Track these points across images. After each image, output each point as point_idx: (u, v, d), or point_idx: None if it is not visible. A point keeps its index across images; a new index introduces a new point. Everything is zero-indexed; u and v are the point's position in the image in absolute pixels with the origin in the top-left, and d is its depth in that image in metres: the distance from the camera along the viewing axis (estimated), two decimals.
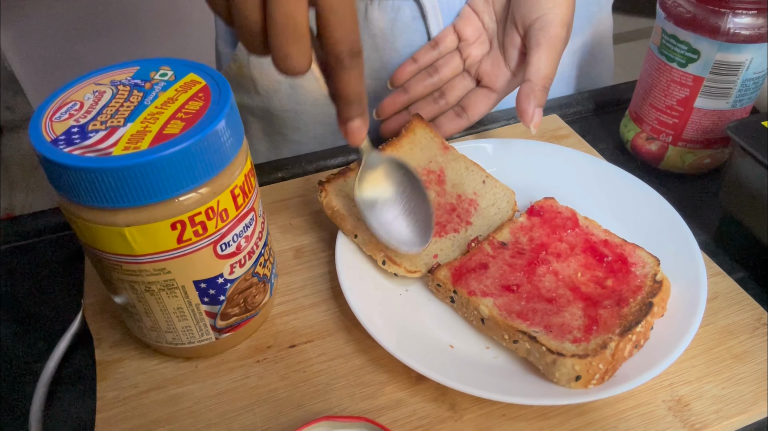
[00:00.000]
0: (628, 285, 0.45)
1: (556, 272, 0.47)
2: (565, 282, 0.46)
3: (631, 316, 0.42)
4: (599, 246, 0.48)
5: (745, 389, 0.42)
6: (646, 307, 0.42)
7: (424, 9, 0.65)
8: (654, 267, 0.46)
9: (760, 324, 0.46)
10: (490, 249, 0.49)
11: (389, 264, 0.48)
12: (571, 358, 0.39)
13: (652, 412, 0.41)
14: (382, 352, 0.43)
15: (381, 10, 0.65)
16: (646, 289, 0.44)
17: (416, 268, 0.48)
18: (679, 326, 0.43)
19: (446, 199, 0.54)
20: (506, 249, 0.49)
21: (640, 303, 0.43)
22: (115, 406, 0.43)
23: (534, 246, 0.49)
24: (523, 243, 0.49)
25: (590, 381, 0.39)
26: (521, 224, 0.51)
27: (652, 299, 0.43)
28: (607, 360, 0.39)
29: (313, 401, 0.43)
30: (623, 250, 0.48)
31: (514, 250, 0.49)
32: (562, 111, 0.71)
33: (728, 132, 0.50)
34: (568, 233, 0.50)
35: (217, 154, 0.36)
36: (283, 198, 0.59)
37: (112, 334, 0.47)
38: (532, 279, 0.46)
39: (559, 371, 0.40)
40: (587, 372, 0.39)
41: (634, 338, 0.41)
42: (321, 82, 0.40)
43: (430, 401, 0.42)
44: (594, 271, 0.47)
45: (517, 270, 0.47)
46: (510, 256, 0.48)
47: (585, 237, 0.49)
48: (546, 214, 0.51)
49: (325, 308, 0.49)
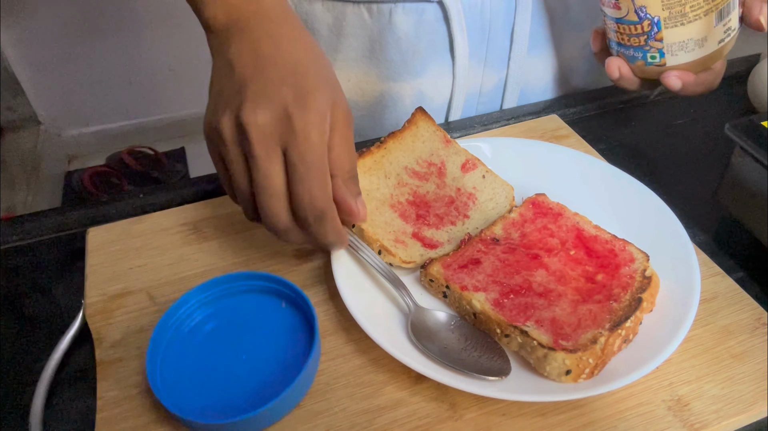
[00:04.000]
0: (618, 280, 0.45)
1: (547, 267, 0.47)
2: (556, 277, 0.46)
3: (621, 311, 0.42)
4: (589, 242, 0.49)
5: (744, 389, 0.42)
6: (636, 303, 0.43)
7: (448, 12, 0.65)
8: (643, 263, 0.46)
9: (760, 324, 0.46)
10: (482, 245, 0.49)
11: (384, 254, 0.49)
12: (561, 352, 0.39)
13: (652, 412, 0.41)
14: (381, 352, 0.43)
15: (405, 13, 0.65)
16: (635, 285, 0.45)
17: (411, 259, 0.49)
18: (672, 323, 0.43)
19: (445, 191, 0.54)
20: (498, 245, 0.49)
21: (630, 299, 0.43)
22: (115, 406, 0.43)
23: (525, 242, 0.49)
24: (515, 239, 0.50)
25: (580, 375, 0.40)
26: (513, 220, 0.51)
27: (641, 294, 0.43)
28: (597, 354, 0.40)
29: (313, 401, 0.43)
30: (613, 246, 0.48)
31: (506, 246, 0.49)
32: (562, 111, 0.71)
33: (728, 132, 0.50)
34: (559, 229, 0.50)
35: None
36: None
37: (112, 334, 0.47)
38: (523, 274, 0.47)
39: (549, 365, 0.40)
40: (577, 367, 0.40)
41: (623, 333, 0.42)
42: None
43: (430, 401, 0.42)
44: (584, 266, 0.47)
45: (509, 266, 0.47)
46: (502, 251, 0.49)
47: (576, 233, 0.50)
48: (537, 210, 0.52)
49: (325, 308, 0.49)
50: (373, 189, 0.53)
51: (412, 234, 0.51)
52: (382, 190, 0.54)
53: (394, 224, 0.52)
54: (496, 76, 0.72)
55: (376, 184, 0.54)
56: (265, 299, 0.47)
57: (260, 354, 0.43)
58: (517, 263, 0.48)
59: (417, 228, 0.52)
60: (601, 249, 0.48)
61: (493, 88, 0.73)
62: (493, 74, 0.72)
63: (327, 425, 0.41)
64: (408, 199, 0.54)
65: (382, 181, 0.54)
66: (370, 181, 0.54)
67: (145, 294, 0.50)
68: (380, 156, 0.56)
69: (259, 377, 0.42)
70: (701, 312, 0.47)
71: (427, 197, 0.54)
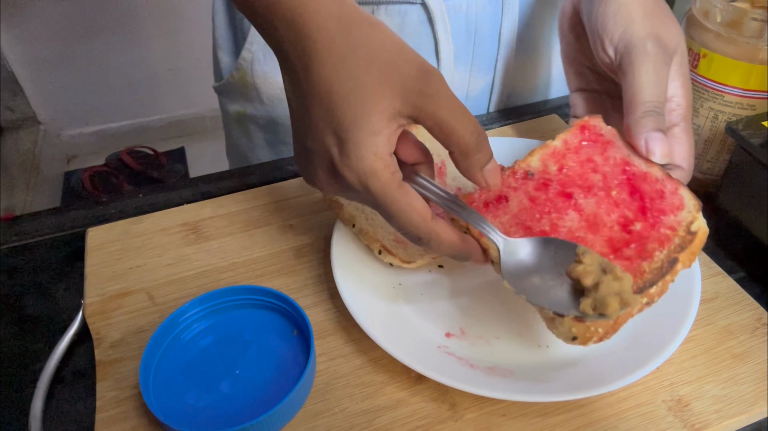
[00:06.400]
0: (657, 232, 0.40)
1: (581, 210, 0.42)
2: (588, 223, 0.41)
3: (649, 275, 0.38)
4: (637, 180, 0.42)
5: (745, 389, 0.42)
6: (668, 265, 0.38)
7: (431, 14, 0.64)
8: (692, 213, 0.40)
9: (760, 324, 0.46)
10: (513, 179, 0.44)
11: (385, 254, 0.48)
12: (568, 319, 0.36)
13: (653, 412, 0.41)
14: (381, 352, 0.43)
15: (388, 15, 0.65)
16: (675, 241, 0.39)
17: (411, 259, 0.49)
18: (673, 323, 0.43)
19: None
20: (531, 180, 0.44)
21: (664, 259, 0.38)
22: (115, 406, 0.43)
23: (563, 177, 0.44)
24: (552, 173, 0.44)
25: (587, 341, 0.37)
26: (554, 149, 0.45)
27: (679, 254, 0.38)
28: (608, 323, 0.36)
29: (313, 401, 0.42)
30: (663, 187, 0.42)
31: (539, 181, 0.44)
32: (562, 111, 0.71)
33: (728, 132, 0.50)
34: (605, 161, 0.44)
35: None
36: (283, 198, 0.59)
37: (112, 334, 0.47)
38: (552, 218, 0.42)
39: (557, 329, 0.38)
40: (584, 335, 0.37)
41: (645, 300, 0.38)
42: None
43: (430, 401, 0.42)
44: (623, 211, 0.41)
45: (538, 206, 0.42)
46: (534, 188, 0.43)
47: (623, 168, 0.43)
48: (586, 136, 0.45)
49: (325, 308, 0.49)
50: None
51: None
52: None
53: None
54: (482, 79, 0.71)
55: None
56: (265, 315, 0.47)
57: (254, 371, 0.43)
58: (547, 203, 0.42)
59: None
60: (649, 191, 0.41)
61: (480, 91, 0.72)
62: (479, 77, 0.71)
63: (327, 425, 0.41)
64: None
65: None
66: None
67: (145, 294, 0.50)
68: None
69: (251, 393, 0.42)
70: (702, 312, 0.47)
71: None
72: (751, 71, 0.52)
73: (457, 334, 0.46)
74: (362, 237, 0.50)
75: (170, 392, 0.42)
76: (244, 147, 0.78)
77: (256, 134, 0.76)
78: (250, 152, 0.78)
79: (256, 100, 0.72)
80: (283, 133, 0.74)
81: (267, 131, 0.75)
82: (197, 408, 0.41)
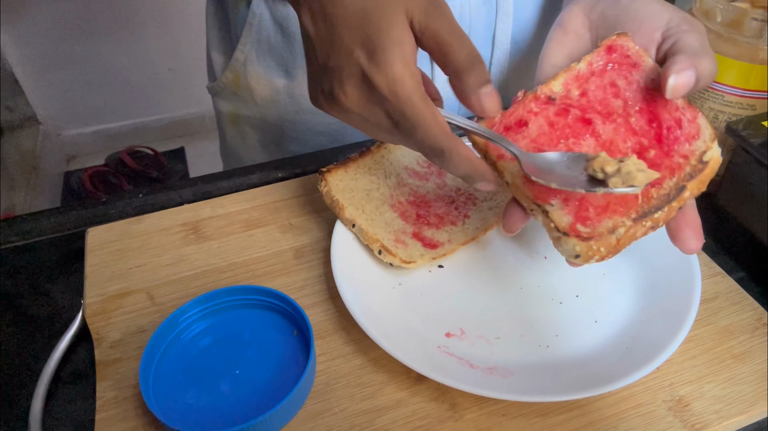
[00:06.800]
0: (670, 160, 0.40)
1: (598, 136, 0.42)
2: (603, 148, 0.42)
3: (656, 200, 0.38)
4: (658, 107, 0.42)
5: (745, 389, 0.42)
6: (676, 192, 0.38)
7: None
8: (707, 143, 0.40)
9: (760, 325, 0.46)
10: (535, 103, 0.44)
11: (385, 254, 0.48)
12: (573, 239, 0.37)
13: (653, 412, 0.41)
14: (381, 352, 0.43)
15: None
16: (686, 169, 0.39)
17: (411, 259, 0.49)
18: (673, 323, 0.43)
19: (445, 191, 0.55)
20: (552, 104, 0.44)
21: (672, 187, 0.39)
22: (115, 406, 0.43)
23: (584, 102, 0.43)
24: (574, 98, 0.44)
25: (589, 260, 0.38)
26: (578, 72, 0.44)
27: (688, 183, 0.39)
28: (610, 244, 0.37)
29: (313, 401, 0.42)
30: (683, 114, 0.41)
31: (560, 106, 0.43)
32: None
33: (728, 132, 0.50)
34: (629, 86, 0.43)
35: None
36: (283, 198, 0.59)
37: (112, 334, 0.47)
38: (569, 143, 0.42)
39: (561, 247, 0.38)
40: (587, 254, 0.37)
41: (649, 224, 0.38)
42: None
43: (430, 401, 0.42)
44: (639, 138, 0.41)
45: (557, 131, 0.42)
46: (554, 113, 0.43)
47: (645, 93, 0.43)
48: (612, 57, 0.44)
49: (325, 308, 0.49)
50: (374, 189, 0.54)
51: (413, 234, 0.51)
52: (383, 189, 0.54)
53: (395, 224, 0.52)
54: None
55: (376, 183, 0.54)
56: (265, 315, 0.47)
57: (253, 371, 0.43)
58: (565, 129, 0.42)
59: (417, 228, 0.52)
60: (668, 118, 0.41)
61: None
62: None
63: (327, 425, 0.41)
64: (408, 199, 0.54)
65: (382, 180, 0.54)
66: (371, 180, 0.54)
67: (145, 294, 0.50)
68: (380, 156, 0.56)
69: (251, 393, 0.42)
70: (702, 312, 0.47)
71: (428, 197, 0.54)
72: (751, 71, 0.52)
73: (457, 334, 0.46)
74: (362, 237, 0.50)
75: (170, 392, 0.42)
76: (238, 147, 0.78)
77: (249, 135, 0.76)
78: (244, 153, 0.78)
79: (249, 100, 0.72)
80: (276, 134, 0.74)
81: (260, 132, 0.75)
82: (197, 408, 0.41)
